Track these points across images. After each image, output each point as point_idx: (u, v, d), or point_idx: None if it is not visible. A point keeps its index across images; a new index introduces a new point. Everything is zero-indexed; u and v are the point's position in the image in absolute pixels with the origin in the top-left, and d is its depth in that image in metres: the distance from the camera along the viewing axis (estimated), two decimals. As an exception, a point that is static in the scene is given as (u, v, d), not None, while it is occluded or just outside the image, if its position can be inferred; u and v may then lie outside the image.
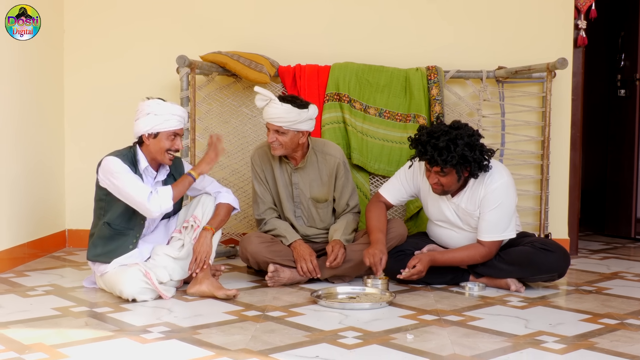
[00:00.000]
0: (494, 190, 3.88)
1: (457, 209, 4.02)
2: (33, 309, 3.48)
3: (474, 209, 3.95)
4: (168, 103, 3.77)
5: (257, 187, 4.23)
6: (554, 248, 3.95)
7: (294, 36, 5.13)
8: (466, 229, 4.03)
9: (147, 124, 3.70)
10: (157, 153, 3.76)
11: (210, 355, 2.79)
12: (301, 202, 4.23)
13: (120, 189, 3.66)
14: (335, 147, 4.30)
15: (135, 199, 3.64)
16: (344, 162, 4.26)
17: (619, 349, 2.92)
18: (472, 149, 3.78)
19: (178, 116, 3.76)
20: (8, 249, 4.37)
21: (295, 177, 4.20)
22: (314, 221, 4.27)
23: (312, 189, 4.21)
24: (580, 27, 5.12)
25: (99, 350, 2.86)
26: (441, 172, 3.82)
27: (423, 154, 3.82)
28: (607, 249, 5.57)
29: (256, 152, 4.26)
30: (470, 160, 3.77)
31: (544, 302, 3.73)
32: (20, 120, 4.55)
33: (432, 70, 4.88)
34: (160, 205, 3.66)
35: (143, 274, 3.64)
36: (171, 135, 3.75)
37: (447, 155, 3.73)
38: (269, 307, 3.54)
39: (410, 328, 3.20)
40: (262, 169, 4.22)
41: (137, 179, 3.67)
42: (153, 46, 5.16)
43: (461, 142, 3.75)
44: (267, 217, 4.21)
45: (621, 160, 6.13)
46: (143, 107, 3.74)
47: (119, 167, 3.67)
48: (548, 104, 4.80)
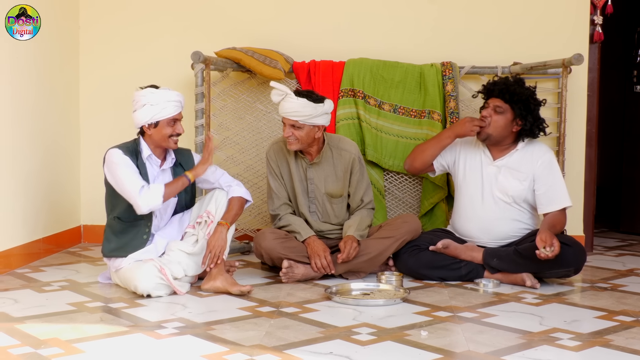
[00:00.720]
0: (550, 160, 4.09)
1: (498, 171, 4.09)
2: (48, 304, 3.50)
3: (524, 177, 4.05)
4: (162, 90, 3.76)
5: (272, 182, 4.23)
6: (570, 242, 3.94)
7: (309, 32, 5.12)
8: (499, 196, 4.08)
9: (146, 115, 3.71)
10: (161, 140, 3.77)
11: (224, 351, 2.79)
12: (316, 197, 4.23)
13: (116, 181, 3.70)
14: (350, 142, 4.30)
15: (128, 192, 3.66)
16: (359, 157, 4.26)
17: (635, 346, 2.90)
18: (536, 103, 4.06)
19: (174, 102, 3.76)
20: (24, 244, 4.40)
21: (310, 172, 4.20)
22: (328, 217, 4.27)
23: (327, 184, 4.21)
24: (596, 23, 5.09)
25: (114, 346, 2.87)
26: (499, 108, 4.03)
27: (495, 84, 4.09)
28: (623, 245, 5.55)
29: (272, 148, 4.27)
30: (530, 109, 4.01)
31: (558, 299, 3.72)
32: (36, 116, 4.57)
33: (447, 66, 4.87)
34: (149, 202, 3.66)
35: (158, 270, 3.65)
36: (171, 122, 3.76)
37: (517, 90, 4.00)
38: (283, 303, 3.55)
39: (424, 324, 3.20)
40: (278, 165, 4.22)
41: (133, 172, 3.69)
42: (168, 42, 5.17)
43: (529, 92, 4.05)
44: (282, 212, 4.21)
45: (637, 157, 6.10)
46: (138, 98, 3.74)
47: (117, 158, 3.70)
48: (563, 100, 4.78)
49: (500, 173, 4.09)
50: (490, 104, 4.07)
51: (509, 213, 4.09)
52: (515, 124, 4.03)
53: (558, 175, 4.08)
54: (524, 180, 4.05)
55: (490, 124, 4.04)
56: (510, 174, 4.07)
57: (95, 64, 5.23)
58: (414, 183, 4.94)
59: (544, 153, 4.10)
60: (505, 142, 4.11)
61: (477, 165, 4.17)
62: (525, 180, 4.05)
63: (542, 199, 4.04)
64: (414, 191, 4.94)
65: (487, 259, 4.04)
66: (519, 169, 4.07)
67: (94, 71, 5.23)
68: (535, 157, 4.07)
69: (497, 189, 4.09)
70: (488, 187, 4.11)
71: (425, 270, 4.10)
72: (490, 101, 4.08)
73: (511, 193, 4.06)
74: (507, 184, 4.07)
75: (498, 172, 4.10)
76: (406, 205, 4.96)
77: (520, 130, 4.05)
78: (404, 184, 4.94)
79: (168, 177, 3.88)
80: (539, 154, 4.08)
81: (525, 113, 4.01)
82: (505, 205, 4.09)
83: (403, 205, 4.95)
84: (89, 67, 5.23)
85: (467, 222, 4.19)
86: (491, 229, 4.11)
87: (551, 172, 4.05)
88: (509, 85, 4.04)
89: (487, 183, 4.12)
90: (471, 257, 4.08)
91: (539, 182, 4.04)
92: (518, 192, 4.06)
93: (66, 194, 5.04)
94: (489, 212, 4.11)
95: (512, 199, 4.07)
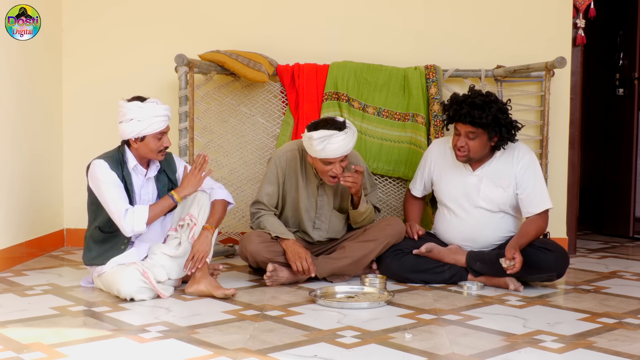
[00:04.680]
0: (530, 162, 4.06)
1: (480, 181, 4.07)
2: (31, 308, 3.48)
3: (506, 184, 4.04)
4: (149, 105, 3.70)
5: (269, 187, 4.14)
6: (553, 248, 3.96)
7: (293, 35, 5.12)
8: (482, 205, 4.07)
9: (133, 130, 3.69)
10: (148, 154, 3.76)
11: (208, 354, 2.78)
12: (323, 213, 4.20)
13: (102, 198, 3.70)
14: (356, 155, 4.26)
15: (112, 214, 3.67)
16: (366, 168, 4.28)
17: (617, 348, 2.92)
18: (504, 113, 3.95)
19: (162, 117, 3.72)
20: (6, 248, 4.37)
21: (321, 189, 4.16)
22: (334, 232, 4.25)
23: (335, 199, 4.19)
24: (579, 26, 5.12)
25: (97, 350, 2.86)
26: (471, 134, 3.94)
27: (458, 111, 3.95)
28: (606, 248, 5.57)
29: (284, 155, 4.16)
30: (502, 123, 3.92)
31: (542, 302, 3.73)
32: (18, 119, 4.54)
33: (431, 69, 4.88)
34: (133, 226, 3.66)
35: (140, 273, 3.64)
36: (158, 135, 3.74)
37: (483, 112, 3.88)
38: (267, 307, 3.54)
39: (408, 327, 3.20)
40: (285, 174, 4.14)
41: (118, 193, 3.67)
42: (152, 45, 5.16)
43: (495, 106, 3.93)
44: (264, 212, 4.16)
45: (620, 159, 6.14)
46: (125, 111, 3.70)
47: (104, 175, 3.68)
48: (547, 103, 4.80)
49: (482, 182, 4.08)
50: (461, 131, 3.97)
51: (494, 221, 4.09)
52: (491, 141, 4.00)
53: (539, 177, 4.08)
54: (508, 187, 4.05)
55: (469, 150, 3.99)
56: (492, 182, 4.07)
57: (79, 67, 5.20)
58: (398, 186, 4.94)
59: (524, 155, 4.08)
60: (486, 156, 4.09)
61: (457, 177, 4.15)
62: (509, 187, 4.05)
63: (524, 202, 4.04)
64: (398, 194, 4.95)
65: (471, 263, 4.04)
66: (500, 175, 4.06)
67: (77, 74, 5.20)
68: (515, 160, 4.06)
69: (482, 199, 4.08)
70: (471, 197, 4.10)
71: (408, 273, 4.10)
72: (460, 127, 3.97)
73: (497, 202, 4.06)
74: (490, 193, 4.06)
75: (480, 182, 4.08)
76: (390, 208, 4.96)
77: (497, 140, 4.02)
78: (388, 187, 4.95)
79: (152, 185, 3.86)
80: (519, 156, 4.07)
81: (497, 129, 3.93)
82: (490, 214, 4.08)
83: (387, 208, 4.95)
84: (72, 70, 5.20)
85: (450, 232, 4.17)
86: (475, 238, 4.11)
87: (533, 174, 4.05)
88: (473, 109, 3.90)
89: (470, 194, 4.10)
90: (455, 261, 4.08)
91: (521, 186, 4.04)
92: (503, 200, 4.06)
93: (49, 198, 5.01)
94: (473, 222, 4.10)
95: (497, 208, 4.07)
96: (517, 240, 3.89)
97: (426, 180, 4.32)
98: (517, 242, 3.88)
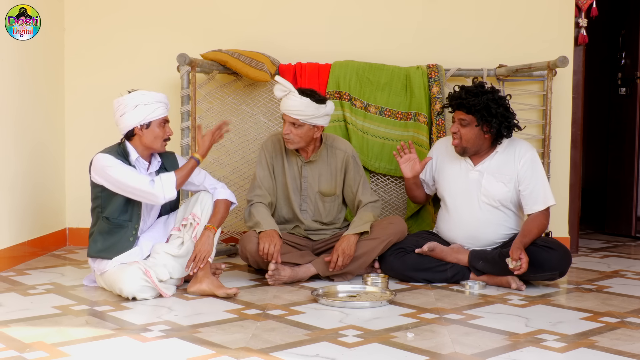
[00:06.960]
0: (532, 159, 4.06)
1: (481, 176, 4.07)
2: (33, 307, 3.48)
3: (507, 179, 4.04)
4: (151, 91, 3.77)
5: (260, 171, 4.23)
6: (555, 246, 3.95)
7: (295, 34, 5.13)
8: (483, 201, 4.07)
9: (138, 116, 3.70)
10: (152, 142, 3.76)
11: (210, 353, 2.78)
12: (308, 195, 4.24)
13: (119, 182, 3.66)
14: (344, 142, 4.34)
15: (137, 188, 3.64)
16: (354, 156, 4.29)
17: (620, 347, 2.91)
18: (498, 104, 3.97)
19: (164, 103, 3.79)
20: (9, 247, 4.37)
21: (305, 170, 4.21)
22: (319, 215, 4.28)
23: (320, 182, 4.23)
24: (581, 25, 5.12)
25: (100, 349, 2.86)
26: (463, 121, 3.98)
27: (451, 98, 4.04)
28: (608, 247, 5.57)
29: (270, 139, 4.29)
30: (493, 113, 3.94)
31: (544, 301, 3.73)
32: (20, 119, 4.54)
33: (433, 69, 4.88)
34: (164, 192, 3.67)
35: (143, 272, 3.64)
36: (162, 123, 3.76)
37: (474, 99, 3.93)
38: (269, 306, 3.54)
39: (410, 326, 3.20)
40: (272, 157, 4.24)
41: (132, 170, 3.68)
42: (154, 44, 5.16)
43: (490, 95, 3.96)
44: (255, 200, 4.19)
45: (622, 159, 6.13)
46: (127, 102, 3.71)
47: (110, 161, 3.67)
48: (549, 102, 4.80)
49: (483, 178, 4.08)
50: (455, 117, 4.05)
51: (495, 218, 4.09)
52: (484, 131, 4.02)
53: (541, 173, 4.07)
54: (509, 182, 4.05)
55: (461, 137, 4.03)
56: (494, 178, 4.07)
57: (81, 66, 5.21)
58: (400, 185, 4.94)
59: (526, 152, 4.08)
60: (483, 149, 4.09)
61: (458, 173, 4.16)
62: (510, 182, 4.05)
63: (527, 199, 4.04)
64: (400, 193, 4.95)
65: (473, 262, 4.04)
66: (501, 171, 4.07)
67: (80, 73, 5.21)
68: (517, 157, 4.06)
69: (483, 194, 4.08)
70: (472, 193, 4.10)
71: (410, 272, 4.10)
72: (455, 115, 4.06)
73: (497, 197, 4.06)
74: (491, 188, 4.07)
75: (481, 177, 4.09)
76: (392, 207, 4.96)
77: (493, 132, 4.03)
78: (390, 186, 4.95)
79: None
80: (521, 153, 4.07)
81: (489, 118, 3.95)
82: (492, 210, 4.08)
83: (389, 207, 4.96)
84: (74, 69, 5.21)
85: (453, 230, 4.18)
86: (477, 236, 4.11)
87: (534, 171, 4.05)
88: (465, 95, 3.99)
89: (471, 189, 4.11)
90: (457, 260, 4.08)
91: (523, 183, 4.04)
92: (504, 195, 4.06)
93: (51, 197, 5.01)
94: (475, 219, 4.10)
95: (498, 203, 4.07)
96: (521, 240, 3.89)
97: (429, 178, 4.32)
98: (522, 242, 3.88)
